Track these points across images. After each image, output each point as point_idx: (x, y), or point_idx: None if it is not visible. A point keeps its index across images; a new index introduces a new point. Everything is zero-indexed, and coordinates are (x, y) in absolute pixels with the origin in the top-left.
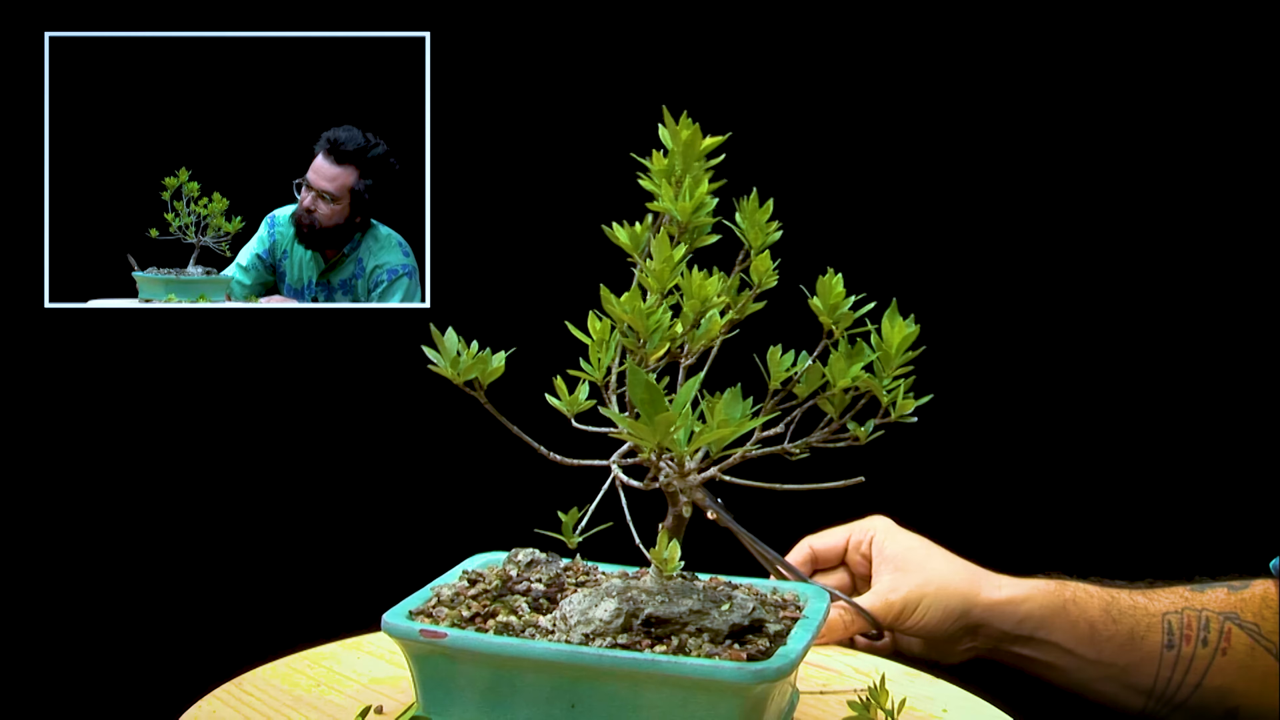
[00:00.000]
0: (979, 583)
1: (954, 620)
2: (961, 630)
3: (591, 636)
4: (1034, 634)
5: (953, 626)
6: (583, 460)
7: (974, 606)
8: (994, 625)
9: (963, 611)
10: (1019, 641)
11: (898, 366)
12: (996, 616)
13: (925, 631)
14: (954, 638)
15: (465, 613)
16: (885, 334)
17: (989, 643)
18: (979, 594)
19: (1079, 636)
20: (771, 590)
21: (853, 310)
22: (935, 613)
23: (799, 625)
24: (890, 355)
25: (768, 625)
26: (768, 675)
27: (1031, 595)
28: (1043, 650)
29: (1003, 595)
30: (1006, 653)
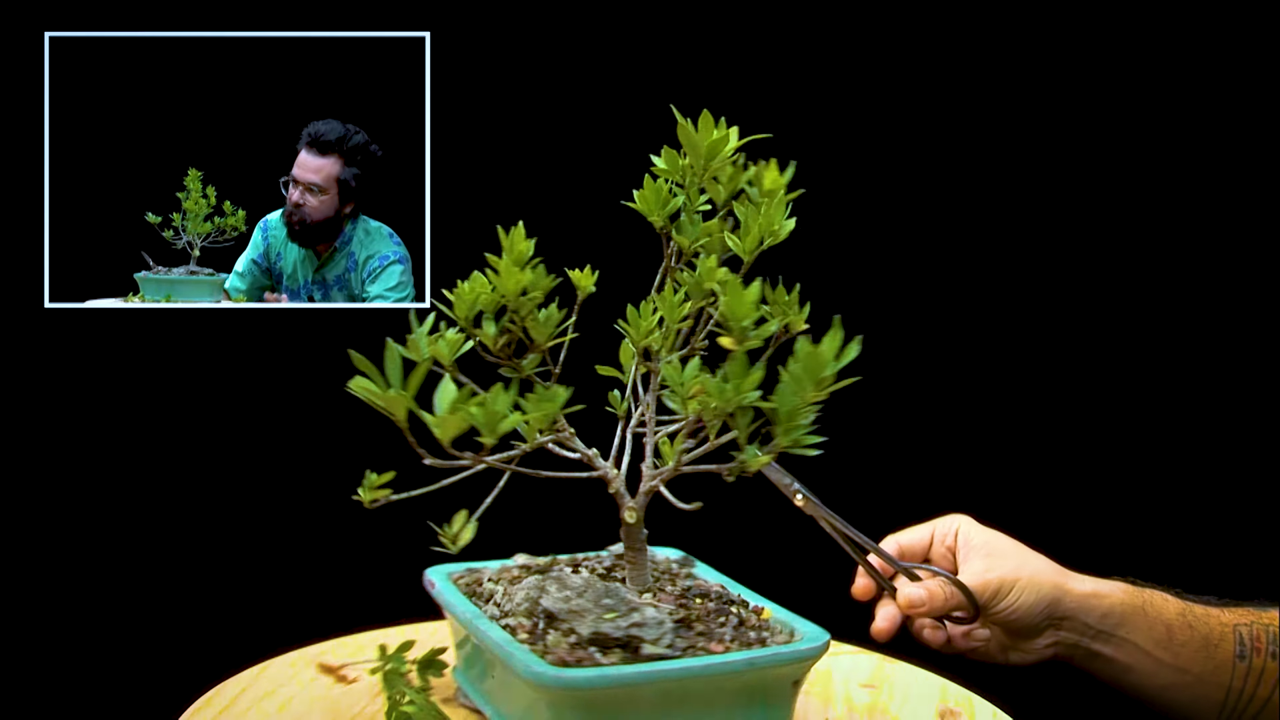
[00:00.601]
0: (1065, 574)
1: (1045, 607)
2: (1048, 621)
3: (501, 616)
4: (1115, 631)
5: (1042, 615)
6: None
7: (1064, 595)
8: (1079, 618)
9: (1054, 600)
10: (1100, 638)
11: (815, 392)
12: (1082, 609)
13: (1017, 617)
14: (1039, 629)
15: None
16: (799, 355)
17: (1071, 637)
18: (1067, 584)
19: (1157, 639)
20: (759, 613)
21: (756, 326)
22: (1029, 597)
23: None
24: (802, 380)
25: (645, 646)
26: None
27: (1113, 592)
28: (1122, 650)
29: (1088, 588)
30: (1085, 652)
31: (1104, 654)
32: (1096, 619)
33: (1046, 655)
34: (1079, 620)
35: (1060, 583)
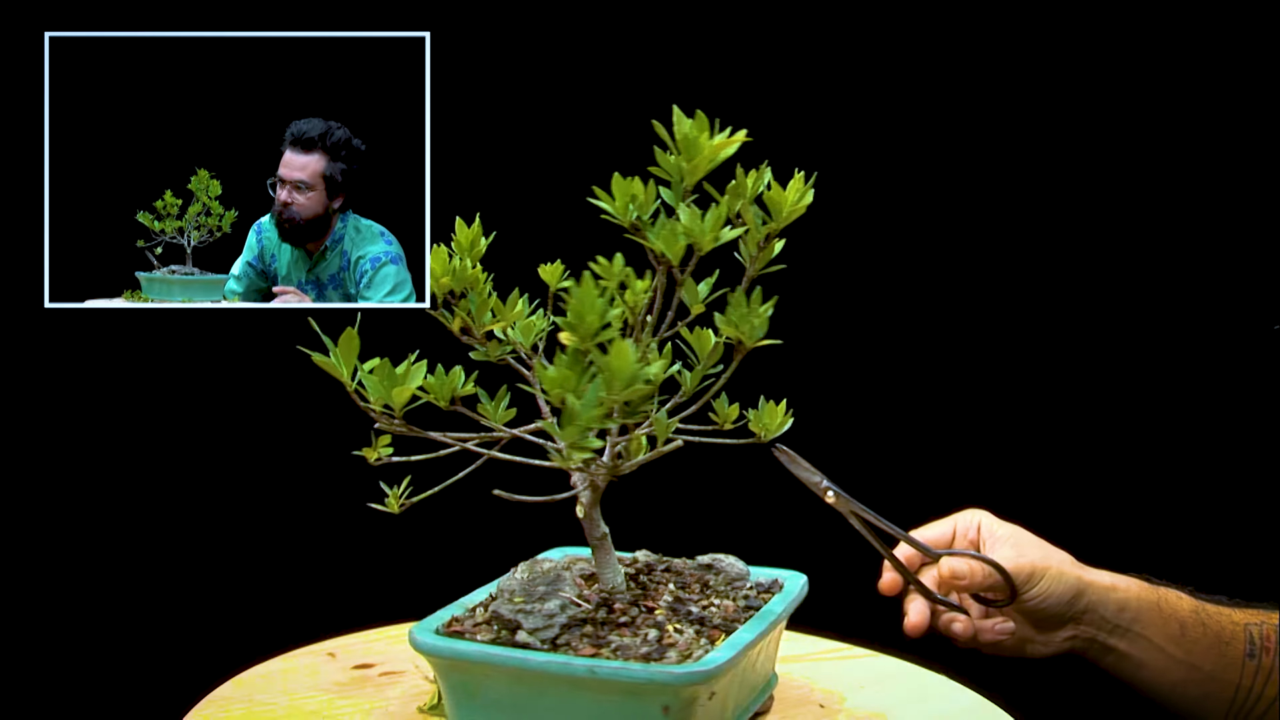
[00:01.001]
0: (1083, 568)
1: (1070, 597)
2: (1070, 612)
3: (462, 611)
4: (1130, 626)
5: (1067, 605)
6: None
7: (1087, 587)
8: (1097, 612)
9: (1078, 591)
10: (1116, 633)
11: (709, 367)
12: (1101, 602)
13: (1047, 605)
14: (1063, 620)
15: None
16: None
17: (1089, 631)
18: (1086, 576)
19: (1170, 634)
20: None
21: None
22: (1057, 586)
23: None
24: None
25: (520, 633)
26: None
27: (1130, 587)
28: (1136, 645)
29: (1107, 582)
30: (1100, 646)
31: (1119, 649)
32: (1114, 613)
33: (1063, 649)
34: (1097, 614)
35: (1081, 575)
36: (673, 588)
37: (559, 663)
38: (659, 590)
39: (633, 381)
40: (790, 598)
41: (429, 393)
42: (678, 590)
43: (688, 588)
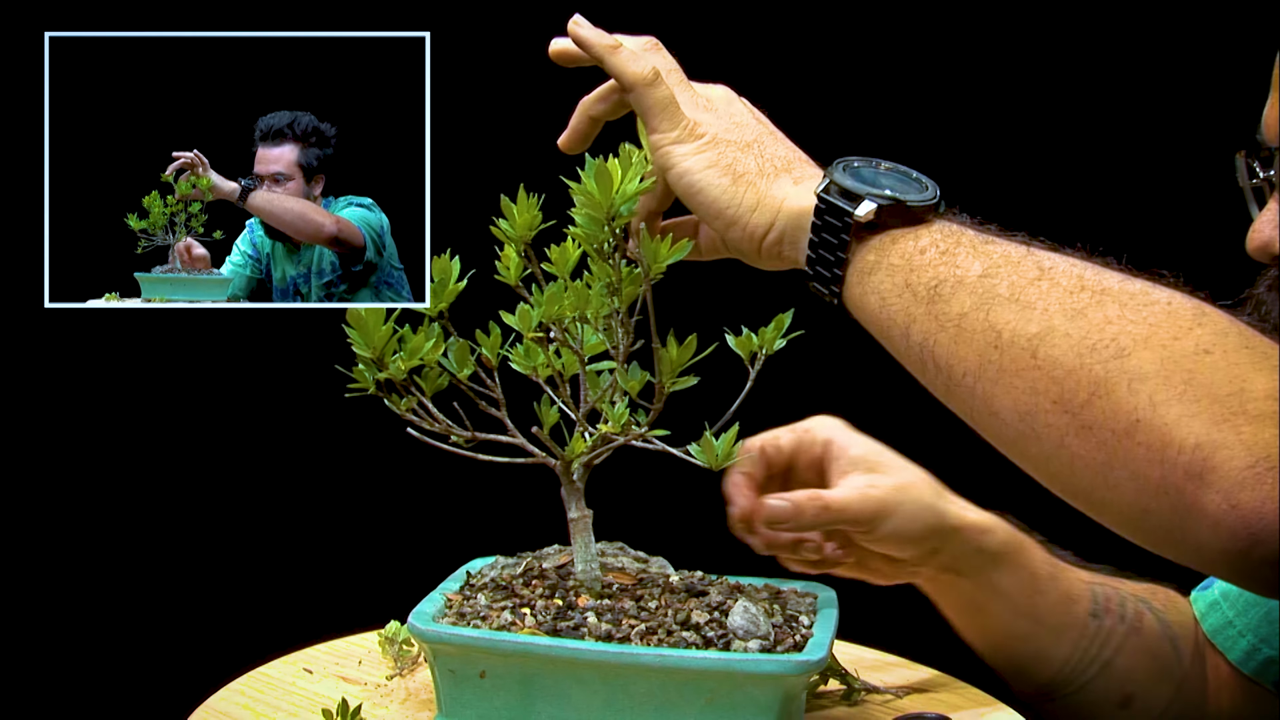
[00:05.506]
0: (946, 497)
1: (928, 532)
2: (928, 548)
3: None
4: (983, 569)
5: (924, 541)
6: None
7: (946, 520)
8: (955, 548)
9: (937, 525)
10: (967, 572)
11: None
12: (961, 540)
13: (899, 539)
14: (921, 555)
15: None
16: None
17: (941, 568)
18: (949, 509)
19: (1022, 585)
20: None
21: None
22: (913, 519)
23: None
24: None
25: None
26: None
27: (995, 528)
28: (983, 591)
29: (970, 518)
30: (944, 584)
31: (963, 590)
32: (971, 553)
33: (909, 579)
34: (949, 554)
35: (941, 507)
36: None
37: (656, 655)
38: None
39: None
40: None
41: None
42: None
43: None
